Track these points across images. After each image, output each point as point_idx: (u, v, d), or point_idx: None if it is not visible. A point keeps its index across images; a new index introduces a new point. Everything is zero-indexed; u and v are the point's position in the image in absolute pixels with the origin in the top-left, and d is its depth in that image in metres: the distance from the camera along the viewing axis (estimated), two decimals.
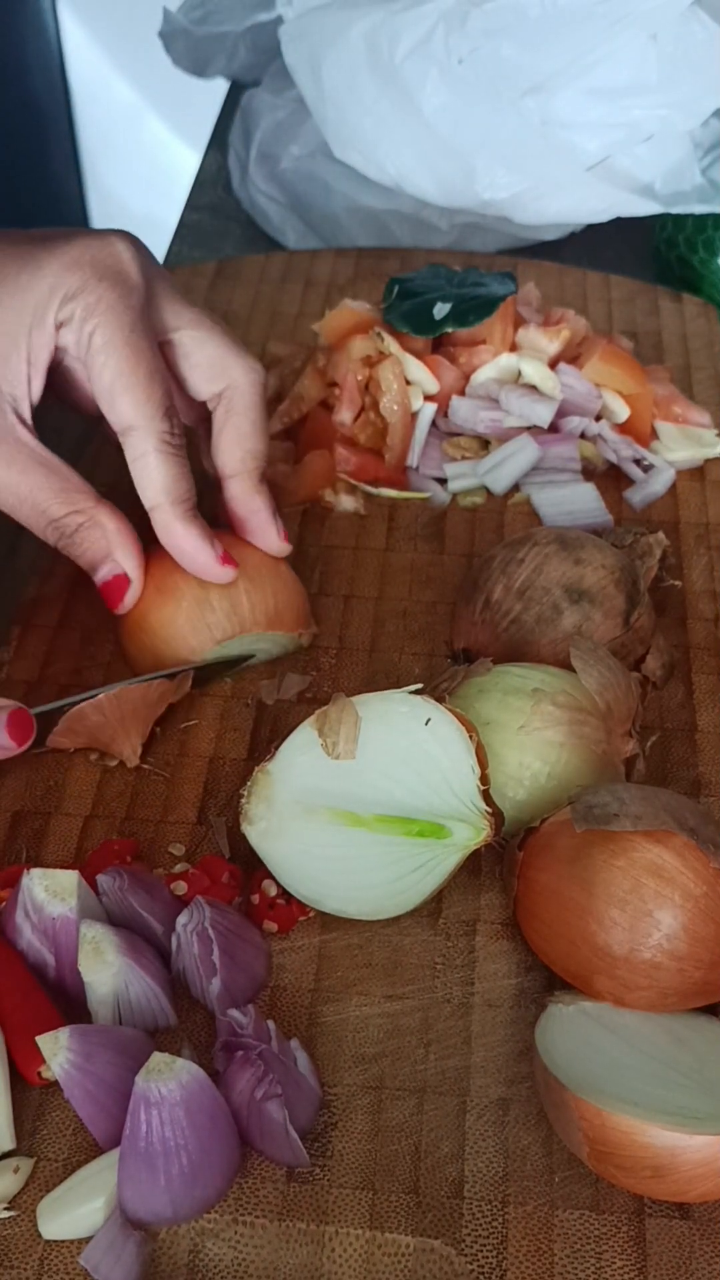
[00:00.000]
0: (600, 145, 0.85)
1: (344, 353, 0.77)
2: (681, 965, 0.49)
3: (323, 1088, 0.50)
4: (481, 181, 0.87)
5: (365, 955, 0.54)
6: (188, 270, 0.95)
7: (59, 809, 0.60)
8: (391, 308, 0.79)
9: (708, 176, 0.91)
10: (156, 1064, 0.45)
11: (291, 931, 0.55)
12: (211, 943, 0.51)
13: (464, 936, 0.55)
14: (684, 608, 0.70)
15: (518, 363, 0.78)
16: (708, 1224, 0.47)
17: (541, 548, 0.64)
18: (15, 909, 0.52)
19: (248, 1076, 0.47)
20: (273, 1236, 0.46)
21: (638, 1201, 0.47)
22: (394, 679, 0.66)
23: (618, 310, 0.93)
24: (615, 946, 0.49)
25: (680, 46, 0.83)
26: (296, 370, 0.82)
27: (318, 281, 0.94)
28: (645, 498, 0.77)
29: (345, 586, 0.71)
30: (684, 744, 0.63)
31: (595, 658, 0.58)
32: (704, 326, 0.91)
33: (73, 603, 0.70)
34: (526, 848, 0.53)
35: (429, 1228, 0.47)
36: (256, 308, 0.92)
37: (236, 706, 0.65)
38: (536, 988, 0.53)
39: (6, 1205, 0.47)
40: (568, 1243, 0.46)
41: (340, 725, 0.52)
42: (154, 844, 0.58)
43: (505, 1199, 0.47)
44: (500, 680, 0.57)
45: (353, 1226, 0.46)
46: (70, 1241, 0.46)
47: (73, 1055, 0.47)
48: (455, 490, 0.77)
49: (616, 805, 0.50)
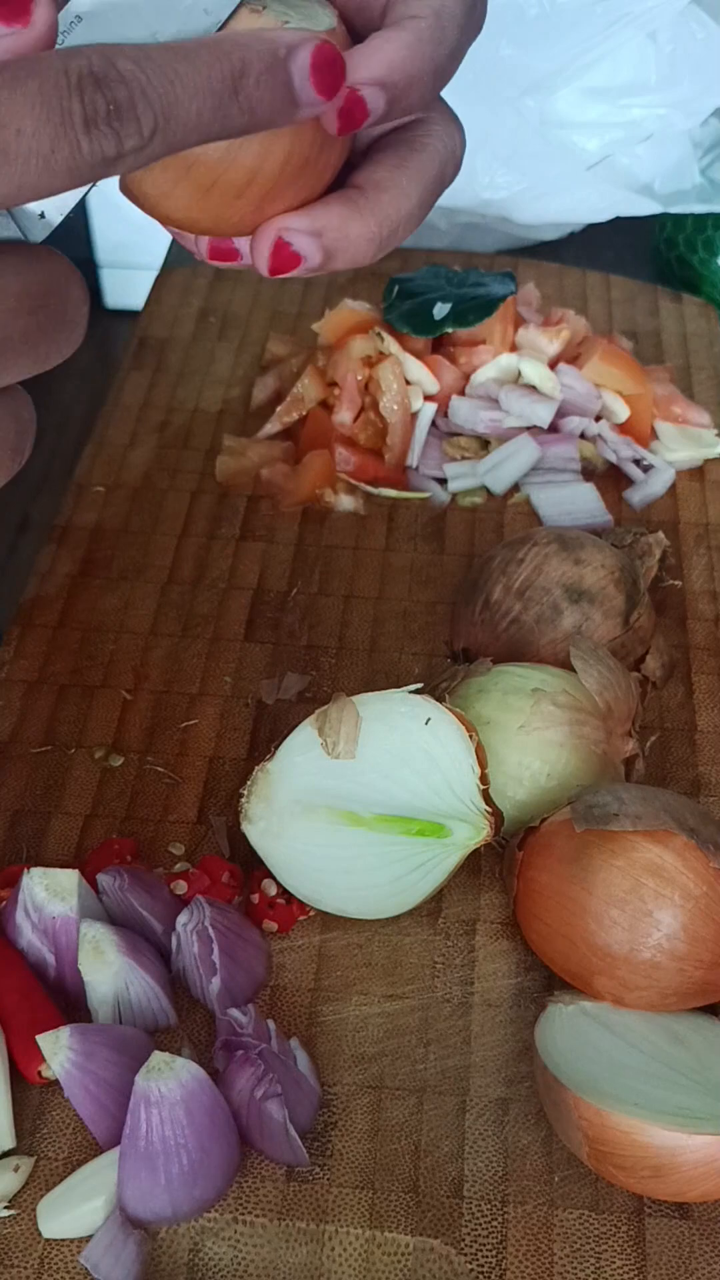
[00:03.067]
0: (599, 145, 0.86)
1: (344, 353, 0.77)
2: (681, 965, 0.49)
3: (322, 1087, 0.50)
4: (481, 181, 0.87)
5: (365, 955, 0.54)
6: (188, 270, 0.96)
7: (59, 808, 0.60)
8: (391, 308, 0.79)
9: (707, 176, 0.91)
10: (157, 1063, 0.45)
11: (291, 931, 0.55)
12: (211, 942, 0.51)
13: (464, 936, 0.55)
14: (684, 608, 0.70)
15: (518, 363, 0.78)
16: (708, 1224, 0.47)
17: (541, 548, 0.64)
18: (15, 908, 0.52)
19: (247, 1076, 0.47)
20: (272, 1235, 0.46)
21: (637, 1201, 0.47)
22: (394, 679, 0.66)
23: (618, 310, 0.93)
24: (615, 946, 0.49)
25: (679, 46, 0.83)
26: (296, 370, 0.82)
27: (318, 281, 0.94)
28: (645, 498, 0.77)
29: (345, 586, 0.71)
30: (684, 744, 0.63)
31: (595, 658, 0.58)
32: (704, 326, 0.91)
33: (73, 603, 0.70)
34: (526, 848, 0.54)
35: (428, 1227, 0.47)
36: (256, 308, 0.92)
37: (236, 706, 0.65)
38: (536, 987, 0.53)
39: (6, 1204, 0.47)
40: (567, 1242, 0.46)
41: (340, 725, 0.52)
42: (154, 843, 0.58)
43: (505, 1198, 0.47)
44: (500, 680, 0.57)
45: (352, 1226, 0.46)
46: (70, 1240, 0.46)
47: (73, 1054, 0.47)
48: (455, 490, 0.77)
49: (616, 805, 0.50)
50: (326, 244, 0.38)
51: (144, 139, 0.30)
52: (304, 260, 0.39)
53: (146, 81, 0.30)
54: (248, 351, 0.88)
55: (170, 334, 0.90)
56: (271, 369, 0.85)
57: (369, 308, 0.81)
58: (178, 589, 0.71)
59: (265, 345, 0.87)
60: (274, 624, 0.69)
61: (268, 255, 0.38)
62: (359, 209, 0.39)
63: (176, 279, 0.95)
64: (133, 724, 0.64)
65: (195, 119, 0.31)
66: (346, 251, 0.39)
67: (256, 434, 0.80)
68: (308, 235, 0.38)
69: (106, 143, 0.30)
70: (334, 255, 0.39)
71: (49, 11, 0.31)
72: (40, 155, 0.29)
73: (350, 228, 0.39)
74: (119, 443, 0.80)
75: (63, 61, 0.29)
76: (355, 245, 0.39)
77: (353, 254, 0.39)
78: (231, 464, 0.78)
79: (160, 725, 0.63)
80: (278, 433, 0.79)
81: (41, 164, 0.29)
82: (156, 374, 0.86)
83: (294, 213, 0.38)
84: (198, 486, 0.77)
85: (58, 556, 0.73)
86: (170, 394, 0.84)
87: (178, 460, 0.79)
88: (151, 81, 0.30)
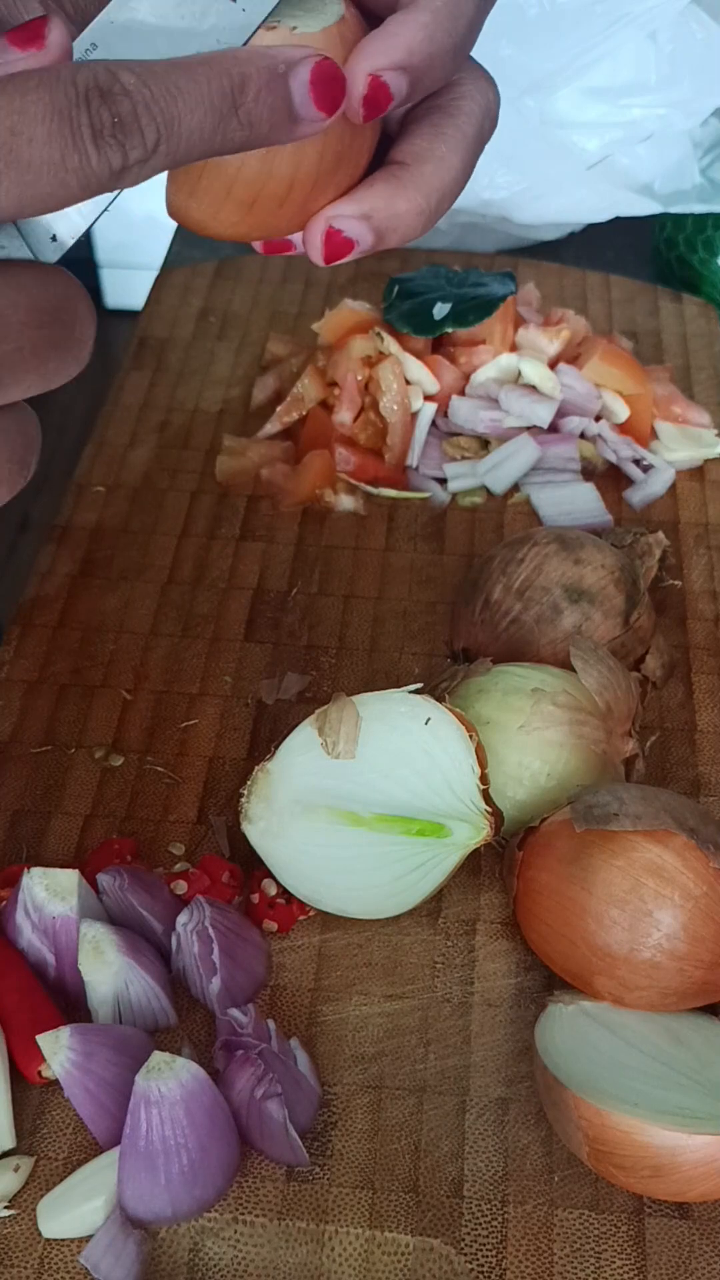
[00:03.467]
0: (599, 145, 0.86)
1: (344, 353, 0.77)
2: (681, 965, 0.49)
3: (322, 1087, 0.50)
4: (481, 181, 0.87)
5: (365, 955, 0.54)
6: (188, 270, 0.96)
7: (59, 808, 0.60)
8: (391, 308, 0.79)
9: (707, 176, 0.91)
10: (157, 1063, 0.45)
11: (291, 931, 0.55)
12: (211, 942, 0.51)
13: (464, 936, 0.55)
14: (684, 608, 0.70)
15: (518, 363, 0.78)
16: (708, 1224, 0.47)
17: (541, 548, 0.64)
18: (15, 908, 0.52)
19: (247, 1075, 0.47)
20: (272, 1235, 0.46)
21: (637, 1201, 0.47)
22: (394, 679, 0.66)
23: (618, 310, 0.93)
24: (615, 946, 0.49)
25: (679, 46, 0.83)
26: (296, 370, 0.82)
27: (318, 281, 0.94)
28: (645, 498, 0.77)
29: (345, 586, 0.71)
30: (684, 744, 0.63)
31: (595, 658, 0.58)
32: (704, 326, 0.91)
33: (73, 603, 0.70)
34: (526, 847, 0.54)
35: (428, 1227, 0.47)
36: (256, 308, 0.92)
37: (236, 706, 0.65)
38: (536, 987, 0.53)
39: (6, 1204, 0.47)
40: (567, 1242, 0.46)
41: (340, 725, 0.52)
42: (154, 843, 0.58)
43: (505, 1198, 0.47)
44: (500, 680, 0.57)
45: (352, 1225, 0.46)
46: (70, 1240, 0.46)
47: (73, 1054, 0.47)
48: (455, 490, 0.77)
49: (616, 805, 0.50)
50: (376, 225, 0.39)
51: (148, 151, 0.31)
52: (357, 244, 0.39)
53: (150, 96, 0.31)
54: (248, 351, 0.88)
55: (170, 334, 0.90)
56: (271, 369, 0.85)
57: (369, 308, 0.81)
58: (178, 589, 0.71)
59: (265, 345, 0.87)
60: (274, 624, 0.69)
61: (321, 246, 0.39)
62: (403, 184, 0.39)
63: (176, 279, 0.95)
64: (133, 724, 0.64)
65: (197, 133, 0.32)
66: (397, 229, 0.40)
67: (256, 434, 0.80)
68: (357, 220, 0.39)
69: (113, 155, 0.30)
70: (385, 234, 0.39)
71: (63, 36, 0.32)
72: (51, 164, 0.30)
73: (397, 205, 0.39)
74: (119, 443, 0.80)
75: (70, 74, 0.30)
76: (404, 221, 0.39)
77: (403, 230, 0.40)
78: (231, 464, 0.78)
79: (160, 725, 0.64)
80: (278, 433, 0.79)
81: (53, 174, 0.30)
82: (156, 374, 0.86)
83: (340, 200, 0.39)
84: (198, 486, 0.77)
85: (58, 556, 0.73)
86: (170, 394, 0.84)
87: (178, 460, 0.79)
88: (154, 95, 0.31)
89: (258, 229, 0.40)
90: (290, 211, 0.39)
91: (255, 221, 0.39)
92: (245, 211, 0.39)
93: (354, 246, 0.39)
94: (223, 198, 0.38)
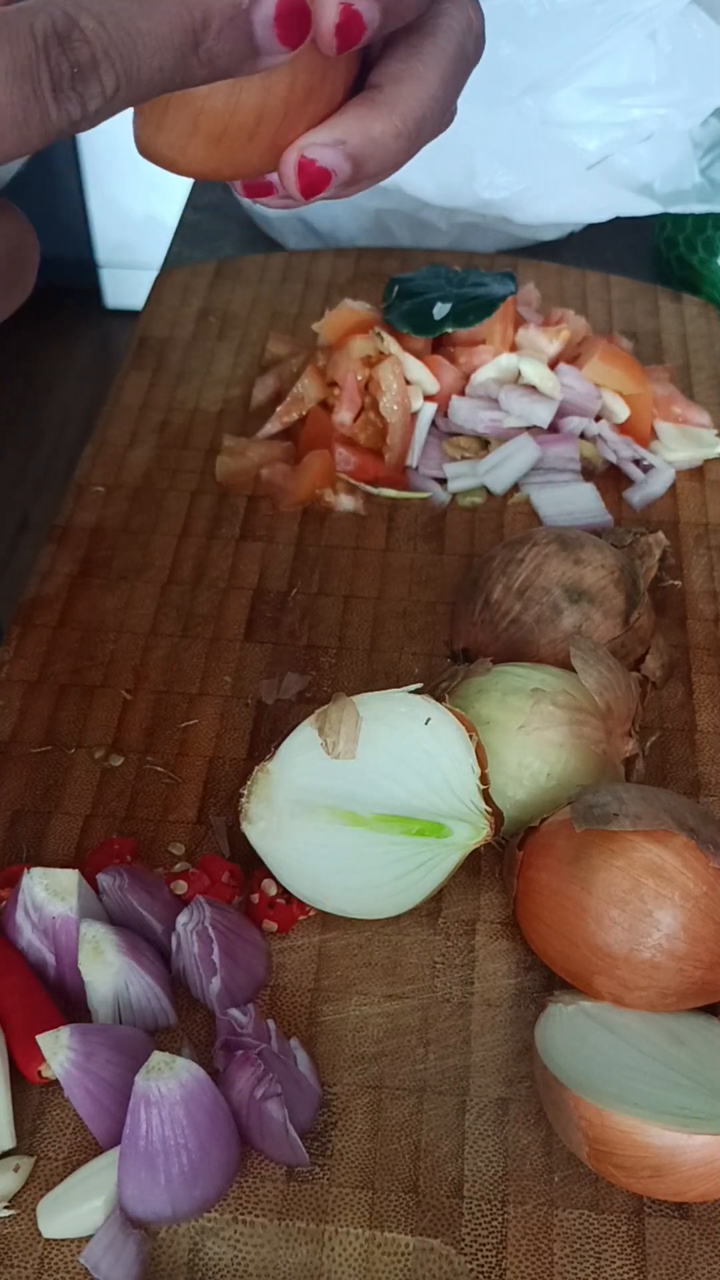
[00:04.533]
0: (599, 144, 0.86)
1: (344, 353, 0.77)
2: (681, 965, 0.49)
3: (322, 1087, 0.50)
4: (481, 181, 0.87)
5: (365, 955, 0.54)
6: (188, 270, 0.96)
7: (59, 808, 0.60)
8: (391, 308, 0.79)
9: (707, 176, 0.91)
10: (156, 1063, 0.45)
11: (291, 931, 0.55)
12: (211, 942, 0.51)
13: (464, 936, 0.55)
14: (684, 608, 0.70)
15: (518, 363, 0.78)
16: (708, 1224, 0.47)
17: (541, 548, 0.64)
18: (15, 908, 0.52)
19: (247, 1075, 0.47)
20: (272, 1235, 0.46)
21: (637, 1201, 0.47)
22: (394, 679, 0.66)
23: (618, 310, 0.93)
24: (615, 946, 0.49)
25: (679, 45, 0.83)
26: (296, 370, 0.82)
27: (318, 281, 0.94)
28: (645, 498, 0.77)
29: (345, 586, 0.71)
30: (684, 744, 0.63)
31: (595, 658, 0.58)
32: (704, 326, 0.91)
33: (73, 603, 0.70)
34: (526, 847, 0.54)
35: (428, 1227, 0.47)
36: (256, 308, 0.92)
37: (236, 706, 0.65)
38: (536, 987, 0.53)
39: (6, 1204, 0.47)
40: (567, 1242, 0.46)
41: (340, 725, 0.52)
42: (154, 843, 0.58)
43: (505, 1198, 0.47)
44: (500, 680, 0.57)
45: (352, 1226, 0.46)
46: (70, 1240, 0.46)
47: (73, 1054, 0.47)
48: (455, 490, 0.77)
49: (616, 805, 0.50)
50: (351, 151, 0.37)
51: (106, 98, 0.31)
52: (334, 174, 0.37)
53: (109, 39, 0.31)
54: (248, 351, 0.88)
55: (170, 334, 0.90)
56: (271, 369, 0.85)
57: (369, 308, 0.81)
58: (178, 589, 0.71)
59: (265, 345, 0.87)
60: (274, 624, 0.69)
61: (295, 178, 0.37)
62: (377, 107, 0.37)
63: (176, 279, 0.95)
64: (133, 724, 0.64)
65: (157, 74, 0.32)
66: (375, 154, 0.37)
67: (256, 434, 0.80)
68: (329, 148, 0.37)
69: (73, 107, 0.31)
70: (363, 161, 0.37)
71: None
72: (15, 122, 0.30)
73: (372, 128, 0.37)
74: (119, 443, 0.80)
75: (29, 20, 0.30)
76: (381, 145, 0.37)
77: (382, 155, 0.38)
78: (231, 464, 0.78)
79: (160, 725, 0.64)
80: (278, 433, 0.79)
81: (17, 131, 0.30)
82: (156, 374, 0.86)
83: (313, 130, 0.37)
84: (198, 486, 0.78)
85: (58, 556, 0.73)
86: (170, 394, 0.84)
87: (178, 460, 0.79)
88: (113, 39, 0.31)
89: (228, 165, 0.38)
90: (261, 146, 0.37)
91: (225, 157, 0.37)
92: (214, 145, 0.37)
93: (330, 177, 0.37)
94: (190, 131, 0.37)
